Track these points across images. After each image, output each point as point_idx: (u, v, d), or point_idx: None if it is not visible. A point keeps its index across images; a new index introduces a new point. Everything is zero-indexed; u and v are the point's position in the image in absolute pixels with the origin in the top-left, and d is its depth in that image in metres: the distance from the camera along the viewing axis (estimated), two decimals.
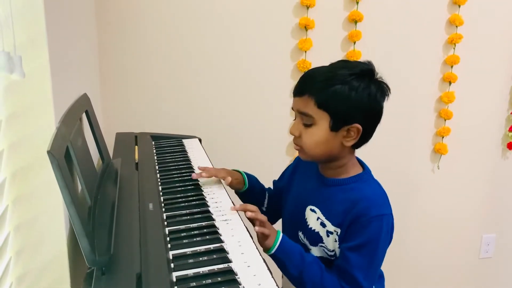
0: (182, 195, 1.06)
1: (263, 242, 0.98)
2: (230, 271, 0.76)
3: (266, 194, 1.26)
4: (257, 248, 0.85)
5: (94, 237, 0.74)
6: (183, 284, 0.72)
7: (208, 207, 1.00)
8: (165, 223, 0.92)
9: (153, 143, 1.48)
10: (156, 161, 1.30)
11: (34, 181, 0.81)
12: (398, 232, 1.12)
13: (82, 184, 0.84)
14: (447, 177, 2.10)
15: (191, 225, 0.91)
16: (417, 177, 2.08)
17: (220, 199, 1.06)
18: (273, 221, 1.19)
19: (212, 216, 0.96)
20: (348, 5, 1.80)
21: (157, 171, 1.21)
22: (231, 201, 1.06)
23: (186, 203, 1.01)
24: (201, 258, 0.79)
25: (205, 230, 0.89)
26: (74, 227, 0.69)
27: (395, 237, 1.06)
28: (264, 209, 1.24)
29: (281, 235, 0.99)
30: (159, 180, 1.15)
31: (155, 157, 1.33)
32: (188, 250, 0.81)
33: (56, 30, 0.86)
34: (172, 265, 0.77)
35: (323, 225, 1.03)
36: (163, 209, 0.98)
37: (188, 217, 0.95)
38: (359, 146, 1.03)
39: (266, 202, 1.25)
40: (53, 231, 0.83)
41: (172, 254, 0.80)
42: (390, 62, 1.88)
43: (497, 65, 2.02)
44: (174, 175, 1.18)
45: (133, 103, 1.71)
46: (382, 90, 0.99)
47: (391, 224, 1.01)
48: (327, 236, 1.03)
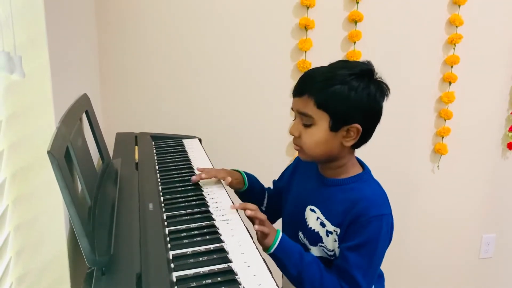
0: (182, 195, 1.06)
1: (262, 241, 0.98)
2: (230, 271, 0.76)
3: (266, 194, 1.26)
4: (257, 248, 0.85)
5: (94, 237, 0.74)
6: (183, 284, 0.72)
7: (208, 207, 1.01)
8: (165, 223, 0.92)
9: (153, 143, 1.48)
10: (156, 161, 1.30)
11: (34, 181, 0.81)
12: (398, 232, 1.12)
13: (82, 184, 0.84)
14: (447, 177, 2.10)
15: (191, 225, 0.91)
16: (417, 177, 2.08)
17: (220, 199, 1.06)
18: (272, 221, 1.19)
19: (212, 216, 0.96)
20: (348, 5, 1.80)
21: (157, 171, 1.21)
22: (231, 201, 1.06)
23: (186, 203, 1.01)
24: (201, 258, 0.79)
25: (205, 230, 0.89)
26: (74, 227, 0.69)
27: (395, 237, 1.06)
28: (264, 209, 1.24)
29: (281, 234, 0.99)
30: (159, 180, 1.15)
31: (155, 157, 1.33)
32: (188, 250, 0.81)
33: (56, 30, 0.86)
34: (172, 265, 0.77)
35: (322, 225, 1.04)
36: (163, 209, 0.98)
37: (188, 217, 0.95)
38: (359, 146, 1.03)
39: (265, 201, 1.25)
40: (53, 231, 0.83)
41: (172, 254, 0.80)
42: (390, 62, 1.88)
43: (497, 65, 2.02)
44: (174, 175, 1.18)
45: (133, 103, 1.71)
46: (382, 90, 0.99)
47: (390, 224, 1.01)
48: (327, 236, 1.03)
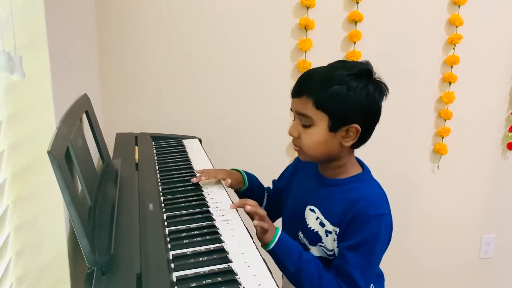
0: (182, 195, 1.06)
1: (261, 237, 0.98)
2: (230, 271, 0.76)
3: (265, 194, 1.26)
4: (257, 248, 0.85)
5: (94, 237, 0.74)
6: (183, 284, 0.72)
7: (208, 207, 1.01)
8: (165, 223, 0.92)
9: (153, 143, 1.48)
10: (156, 161, 1.30)
11: (34, 181, 0.81)
12: (398, 232, 1.12)
13: (82, 184, 0.84)
14: (447, 177, 2.10)
15: (191, 225, 0.91)
16: (417, 177, 2.08)
17: (220, 199, 1.06)
18: (271, 220, 1.19)
19: (212, 216, 0.96)
20: (348, 5, 1.80)
21: (157, 172, 1.21)
22: (231, 201, 1.06)
23: (186, 203, 1.01)
24: (201, 258, 0.79)
25: (205, 230, 0.89)
26: (74, 227, 0.69)
27: (395, 237, 1.06)
28: (263, 208, 1.24)
29: (280, 231, 0.99)
30: (159, 180, 1.15)
31: (155, 158, 1.33)
32: (188, 250, 0.81)
33: (56, 31, 0.86)
34: (172, 265, 0.77)
35: (322, 224, 1.04)
36: (163, 209, 0.98)
37: (188, 217, 0.95)
38: (358, 146, 1.03)
39: (265, 201, 1.25)
40: (53, 231, 0.83)
41: (172, 254, 0.80)
42: (390, 62, 1.88)
43: (497, 66, 2.02)
44: (174, 176, 1.18)
45: (133, 103, 1.71)
46: (380, 89, 0.99)
47: (389, 224, 1.01)
48: (326, 235, 1.03)
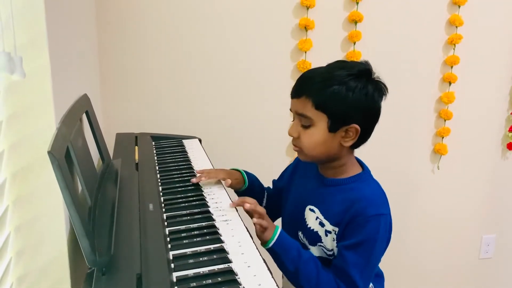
0: (182, 195, 1.06)
1: (261, 235, 0.98)
2: (230, 271, 0.76)
3: (265, 194, 1.26)
4: (257, 248, 0.85)
5: (94, 238, 0.74)
6: (184, 284, 0.72)
7: (208, 207, 1.01)
8: (165, 223, 0.92)
9: (153, 143, 1.48)
10: (156, 161, 1.30)
11: (34, 181, 0.81)
12: (398, 232, 1.12)
13: (83, 185, 0.84)
14: (447, 177, 2.10)
15: (191, 226, 0.91)
16: (417, 178, 2.08)
17: (220, 199, 1.06)
18: (271, 220, 1.19)
19: (212, 216, 0.96)
20: (348, 6, 1.80)
21: (157, 172, 1.21)
22: (231, 201, 1.06)
23: (186, 204, 1.01)
24: (201, 259, 0.79)
25: (205, 231, 0.89)
26: (75, 227, 0.69)
27: (395, 237, 1.06)
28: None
29: (280, 229, 0.99)
30: (159, 180, 1.15)
31: (155, 158, 1.33)
32: (188, 251, 0.81)
33: (56, 31, 0.86)
34: (172, 265, 0.77)
35: (321, 224, 1.04)
36: (163, 210, 0.98)
37: (188, 217, 0.95)
38: (358, 146, 1.04)
39: (264, 201, 1.25)
40: (54, 231, 0.83)
41: (172, 255, 0.80)
42: (390, 62, 1.88)
43: (497, 66, 2.02)
44: (174, 176, 1.18)
45: (133, 103, 1.71)
46: (380, 89, 0.99)
47: (389, 224, 1.01)
48: (326, 235, 1.03)
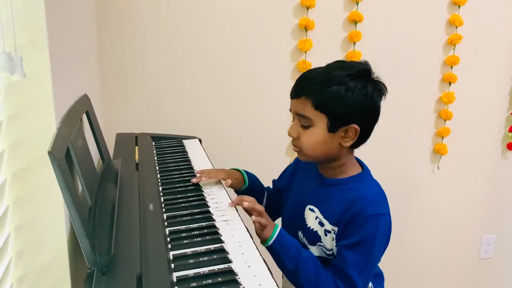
0: (183, 195, 1.06)
1: (260, 233, 0.99)
2: (230, 271, 0.76)
3: (265, 193, 1.26)
4: (257, 249, 0.85)
5: (94, 238, 0.74)
6: (184, 284, 0.72)
7: (209, 207, 1.01)
8: (166, 223, 0.92)
9: (153, 143, 1.48)
10: (156, 161, 1.30)
11: (34, 181, 0.81)
12: (398, 232, 1.12)
13: (83, 185, 0.84)
14: (447, 177, 2.10)
15: (192, 226, 0.91)
16: (417, 178, 2.08)
17: (221, 199, 1.06)
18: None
19: (213, 216, 0.96)
20: (348, 6, 1.80)
21: (158, 172, 1.21)
22: (231, 201, 1.06)
23: (187, 204, 1.01)
24: (201, 259, 0.79)
25: (205, 231, 0.89)
26: (75, 227, 0.69)
27: (395, 237, 1.06)
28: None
29: (279, 227, 1.00)
30: (159, 180, 1.15)
31: (156, 158, 1.33)
32: (189, 251, 0.81)
33: (56, 31, 0.86)
34: (172, 265, 0.77)
35: (321, 224, 1.04)
36: (164, 210, 0.98)
37: (189, 217, 0.95)
38: (358, 146, 1.04)
39: (264, 201, 1.25)
40: (54, 231, 0.83)
41: (173, 255, 0.80)
42: (390, 62, 1.88)
43: (497, 66, 2.02)
44: (175, 176, 1.18)
45: (133, 103, 1.71)
46: (379, 89, 0.99)
47: (388, 224, 1.01)
48: (325, 235, 1.03)
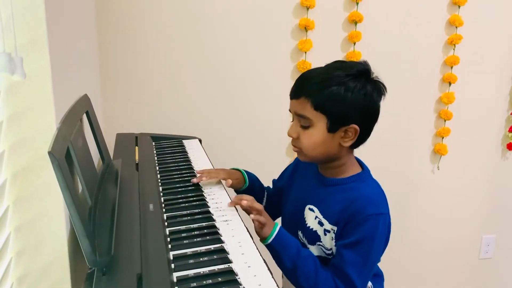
0: (183, 195, 1.06)
1: (260, 231, 0.99)
2: (230, 271, 0.76)
3: (265, 193, 1.26)
4: (257, 249, 0.85)
5: (94, 238, 0.74)
6: (184, 284, 0.72)
7: (209, 207, 1.01)
8: (166, 223, 0.92)
9: (154, 143, 1.48)
10: (156, 161, 1.30)
11: (35, 181, 0.81)
12: (398, 232, 1.12)
13: (83, 185, 0.84)
14: (447, 177, 2.10)
15: (192, 226, 0.91)
16: (417, 178, 2.08)
17: (221, 199, 1.06)
18: None
19: (213, 216, 0.96)
20: (348, 6, 1.80)
21: (158, 172, 1.21)
22: (230, 201, 1.06)
23: (187, 204, 1.01)
24: (201, 259, 0.79)
25: (205, 231, 0.89)
26: (75, 227, 0.69)
27: (395, 237, 1.06)
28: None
29: (279, 226, 1.00)
30: (159, 180, 1.15)
31: (156, 158, 1.33)
32: (189, 251, 0.81)
33: (56, 31, 0.86)
34: (172, 265, 0.77)
35: (320, 224, 1.04)
36: (164, 210, 0.98)
37: (189, 217, 0.95)
38: (357, 146, 1.04)
39: (264, 200, 1.25)
40: (54, 231, 0.83)
41: (173, 255, 0.81)
42: (390, 62, 1.88)
43: (497, 66, 2.02)
44: (175, 176, 1.18)
45: (133, 104, 1.71)
46: (379, 89, 0.99)
47: (387, 224, 1.01)
48: (325, 234, 1.03)
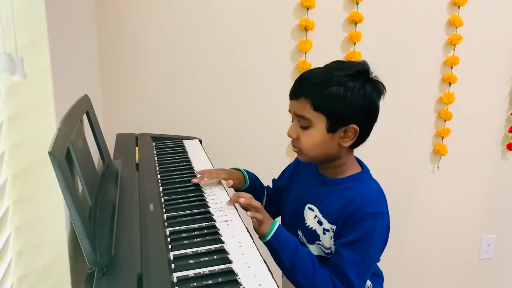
0: (183, 196, 1.06)
1: (258, 229, 0.99)
2: (230, 271, 0.76)
3: (265, 193, 1.26)
4: (257, 249, 0.85)
5: (95, 238, 0.74)
6: (184, 284, 0.72)
7: (209, 207, 1.01)
8: (166, 223, 0.92)
9: (154, 144, 1.48)
10: (156, 162, 1.30)
11: (35, 182, 0.81)
12: (398, 232, 1.12)
13: (83, 185, 0.84)
14: (447, 177, 2.10)
15: (192, 226, 0.91)
16: (417, 178, 2.08)
17: (221, 199, 1.06)
18: None
19: (213, 216, 0.96)
20: (348, 6, 1.80)
21: (158, 172, 1.21)
22: (229, 199, 1.06)
23: (187, 204, 1.01)
24: (201, 259, 0.79)
25: (205, 231, 0.89)
26: (75, 227, 0.69)
27: (395, 237, 1.06)
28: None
29: (278, 223, 1.00)
30: (159, 181, 1.15)
31: (156, 158, 1.33)
32: (189, 251, 0.82)
33: (57, 31, 0.86)
34: (172, 265, 0.77)
35: (320, 223, 1.04)
36: (164, 210, 0.98)
37: (189, 217, 0.95)
38: (357, 146, 1.04)
39: (264, 200, 1.26)
40: (54, 232, 0.84)
41: (173, 255, 0.81)
42: (390, 62, 1.88)
43: (497, 66, 2.02)
44: (175, 176, 1.18)
45: (133, 104, 1.71)
46: (378, 89, 1.00)
47: (386, 224, 1.01)
48: (324, 233, 1.03)
